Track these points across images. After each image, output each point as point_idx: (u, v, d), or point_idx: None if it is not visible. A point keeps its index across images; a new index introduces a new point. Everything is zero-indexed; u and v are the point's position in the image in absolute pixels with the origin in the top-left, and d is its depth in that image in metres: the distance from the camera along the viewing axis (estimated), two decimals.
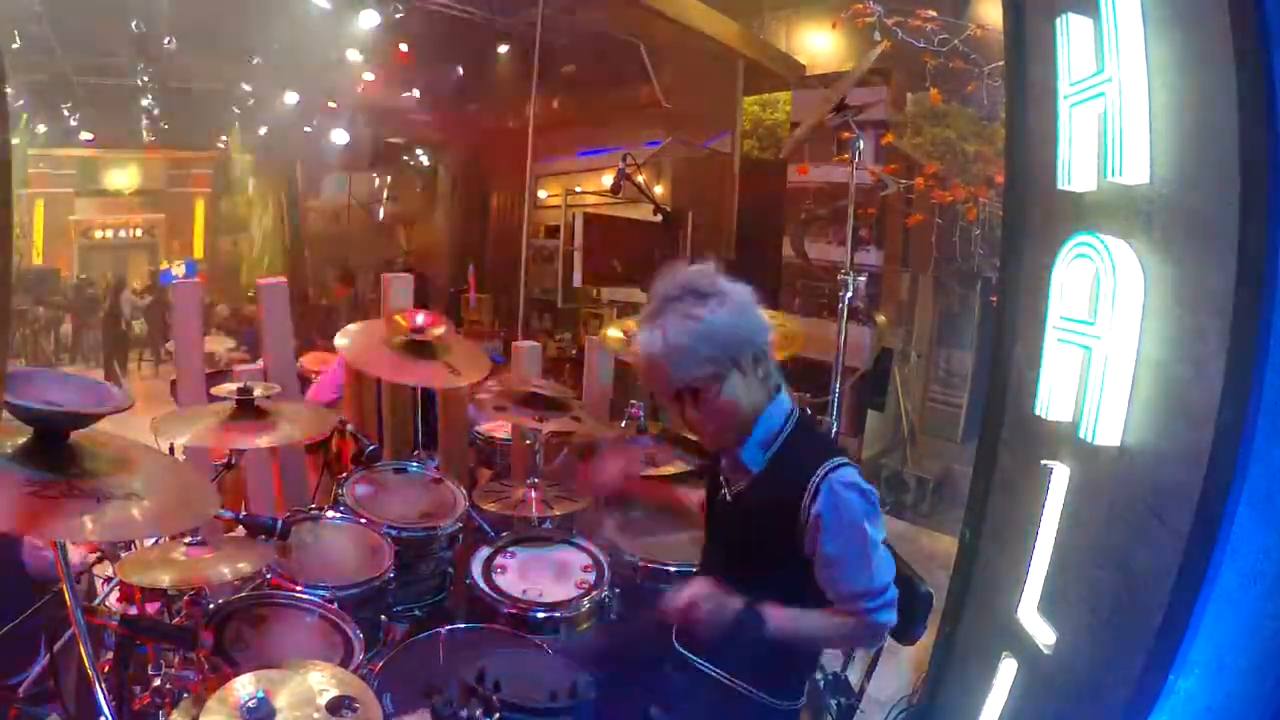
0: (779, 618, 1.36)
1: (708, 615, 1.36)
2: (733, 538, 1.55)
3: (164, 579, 1.53)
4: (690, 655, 1.50)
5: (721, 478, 1.54)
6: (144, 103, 9.51)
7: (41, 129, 10.01)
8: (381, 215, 11.36)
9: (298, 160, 11.64)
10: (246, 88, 9.59)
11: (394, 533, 2.12)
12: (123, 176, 12.35)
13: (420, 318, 2.44)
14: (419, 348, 2.38)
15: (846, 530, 1.34)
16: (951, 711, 1.87)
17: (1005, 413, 1.78)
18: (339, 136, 9.96)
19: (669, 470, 2.38)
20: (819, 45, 6.06)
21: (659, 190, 6.45)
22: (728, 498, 1.51)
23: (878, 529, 1.38)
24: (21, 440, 1.15)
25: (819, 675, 1.77)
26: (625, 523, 2.42)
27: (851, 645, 1.69)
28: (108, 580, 2.01)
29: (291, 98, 9.60)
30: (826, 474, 1.35)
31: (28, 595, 1.79)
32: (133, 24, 6.88)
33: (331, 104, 9.86)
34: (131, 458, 1.25)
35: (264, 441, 1.94)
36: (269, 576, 1.84)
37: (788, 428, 1.43)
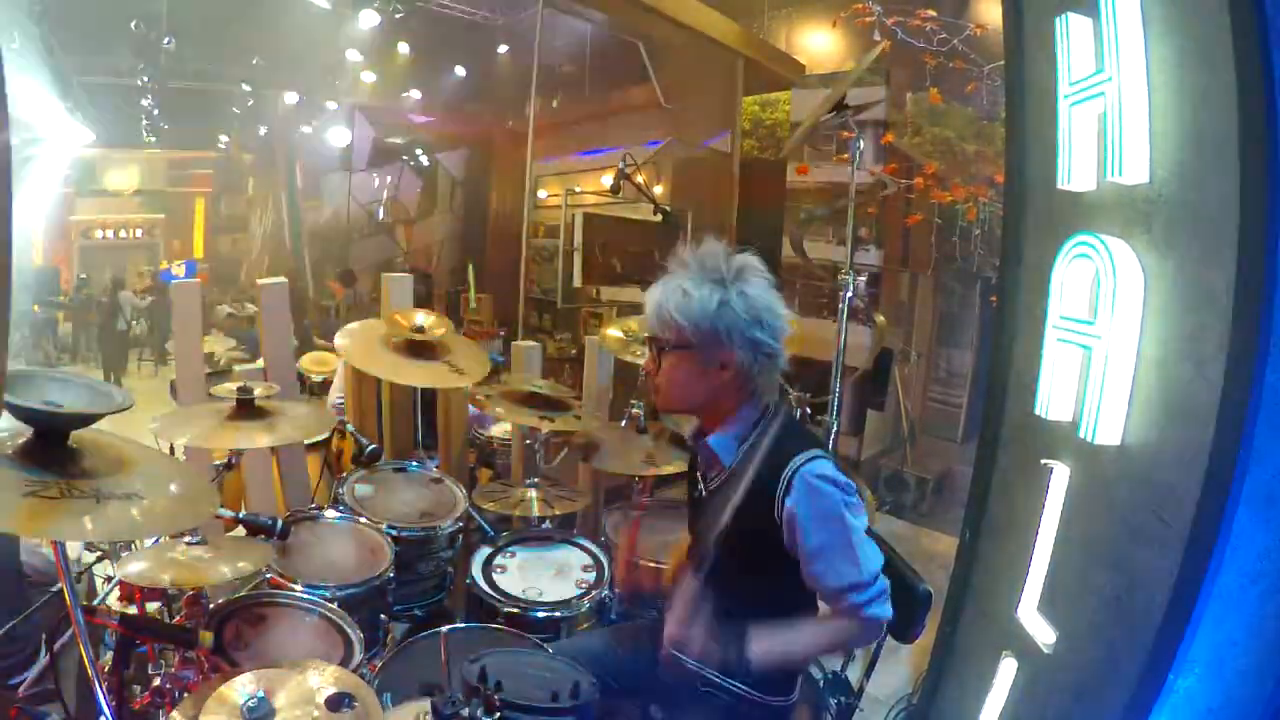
0: (765, 645, 1.34)
1: (698, 649, 1.35)
2: (712, 535, 1.54)
3: (164, 579, 1.53)
4: (681, 656, 1.50)
5: (698, 473, 1.54)
6: (144, 103, 9.51)
7: None
8: (381, 215, 11.36)
9: (298, 160, 11.63)
10: (246, 88, 9.59)
11: (394, 533, 2.12)
12: (123, 176, 12.34)
13: (420, 317, 2.44)
14: (419, 348, 2.38)
15: (824, 522, 1.32)
16: (951, 711, 1.86)
17: (1005, 413, 1.77)
18: (339, 136, 9.96)
19: (669, 470, 2.38)
20: (819, 45, 6.07)
21: (659, 190, 6.45)
22: (704, 493, 1.51)
23: (858, 518, 1.35)
24: (21, 440, 1.15)
25: (818, 674, 1.77)
26: (625, 523, 2.42)
27: (850, 647, 1.66)
28: (108, 580, 2.01)
29: (291, 98, 9.60)
30: (798, 467, 1.33)
31: (27, 595, 1.80)
32: (133, 24, 6.89)
33: (331, 104, 9.86)
34: (131, 458, 1.25)
35: (264, 441, 1.94)
36: (269, 576, 1.84)
37: (763, 425, 1.43)
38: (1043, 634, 1.51)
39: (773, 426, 1.43)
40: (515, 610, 1.95)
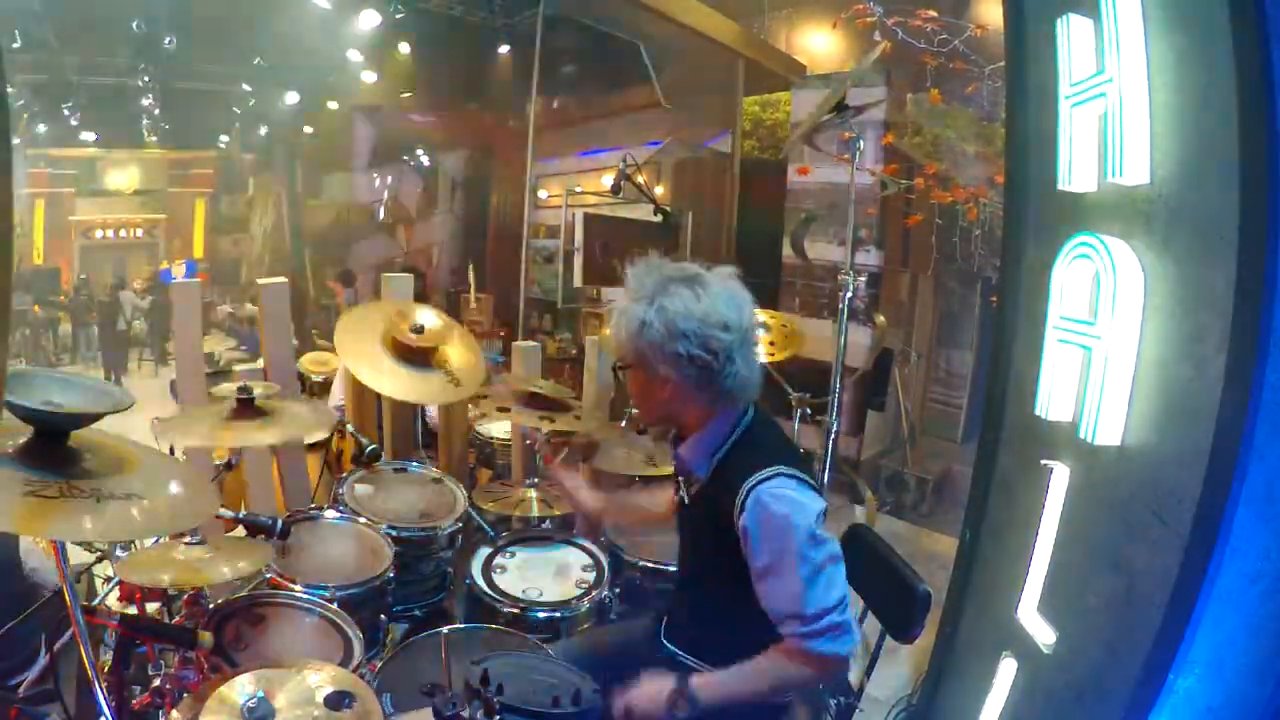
0: (712, 685, 1.31)
1: (644, 716, 1.32)
2: (689, 544, 1.56)
3: (164, 579, 1.53)
4: (678, 652, 1.50)
5: (680, 479, 1.53)
6: (144, 103, 9.51)
7: (41, 129, 10.01)
8: (381, 215, 11.35)
9: (298, 160, 11.63)
10: (247, 88, 9.60)
11: (394, 533, 2.12)
12: (123, 176, 12.34)
13: (421, 316, 2.43)
14: (417, 354, 2.34)
15: (770, 544, 1.27)
16: (951, 711, 1.86)
17: (1005, 413, 1.77)
18: (340, 136, 9.97)
19: (669, 470, 2.37)
20: (819, 45, 6.06)
21: (659, 190, 6.45)
22: (685, 501, 1.51)
23: (815, 547, 1.26)
24: (21, 440, 1.15)
25: None
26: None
27: (802, 685, 1.41)
28: (108, 580, 2.01)
29: (291, 98, 9.61)
30: (755, 485, 1.28)
31: (27, 595, 1.80)
32: (133, 24, 6.89)
33: (331, 104, 9.87)
34: (131, 458, 1.25)
35: (264, 440, 1.94)
36: (269, 576, 1.84)
37: (736, 435, 1.39)
38: (1043, 634, 1.51)
39: (747, 439, 1.39)
40: (515, 611, 1.95)
